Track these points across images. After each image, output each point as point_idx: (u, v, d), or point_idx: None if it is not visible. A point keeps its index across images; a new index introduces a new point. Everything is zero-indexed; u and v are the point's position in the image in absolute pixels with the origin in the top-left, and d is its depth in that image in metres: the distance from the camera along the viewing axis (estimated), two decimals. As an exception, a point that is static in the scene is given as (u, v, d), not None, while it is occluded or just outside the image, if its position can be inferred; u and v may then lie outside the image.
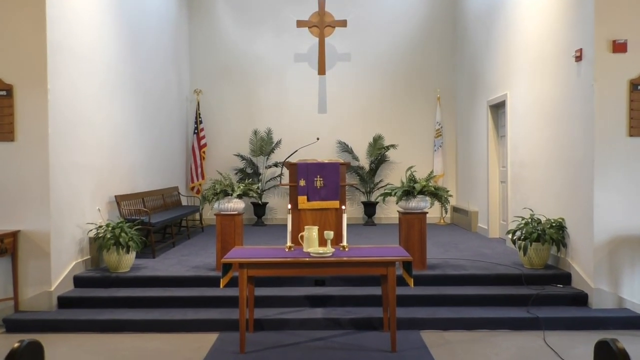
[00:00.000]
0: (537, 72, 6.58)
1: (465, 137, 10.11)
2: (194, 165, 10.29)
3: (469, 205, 9.79)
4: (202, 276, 5.68)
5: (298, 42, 10.82)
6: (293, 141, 10.31)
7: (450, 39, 10.83)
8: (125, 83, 7.40)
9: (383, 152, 10.58)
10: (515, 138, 7.37)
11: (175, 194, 9.44)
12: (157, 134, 8.79)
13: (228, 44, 10.87)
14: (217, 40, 10.87)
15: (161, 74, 9.07)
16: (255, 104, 10.89)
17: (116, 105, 7.08)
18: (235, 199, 5.87)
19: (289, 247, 4.56)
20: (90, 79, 6.29)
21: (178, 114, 10.10)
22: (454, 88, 10.84)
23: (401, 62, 10.86)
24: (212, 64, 10.87)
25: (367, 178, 10.48)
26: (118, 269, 5.87)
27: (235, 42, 10.88)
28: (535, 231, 5.81)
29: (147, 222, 6.78)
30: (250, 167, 10.58)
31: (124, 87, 7.36)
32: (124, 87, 7.36)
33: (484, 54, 8.79)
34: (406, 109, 10.86)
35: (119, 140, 7.15)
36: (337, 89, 10.86)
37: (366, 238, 8.54)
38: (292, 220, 4.73)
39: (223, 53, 10.86)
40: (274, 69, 10.87)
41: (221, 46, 10.87)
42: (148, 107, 8.34)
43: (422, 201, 5.90)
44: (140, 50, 8.03)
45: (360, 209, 10.77)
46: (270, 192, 10.78)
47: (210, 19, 10.86)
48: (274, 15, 10.85)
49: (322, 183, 5.91)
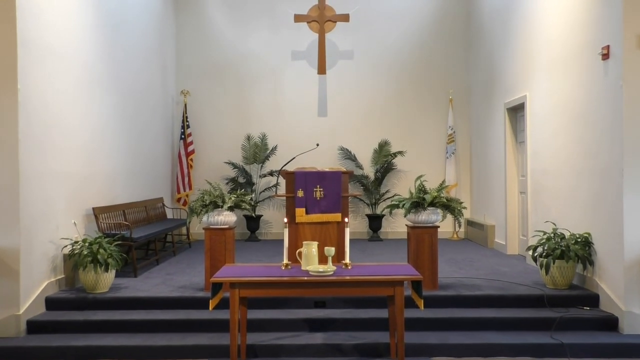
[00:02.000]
0: (560, 71, 6.60)
1: (480, 143, 10.12)
2: (181, 174, 10.29)
3: (484, 219, 9.78)
4: (189, 297, 5.66)
5: (296, 38, 10.87)
6: (290, 147, 10.32)
7: (464, 34, 10.89)
8: (105, 82, 7.42)
9: (390, 160, 10.58)
10: (536, 144, 7.38)
11: (159, 205, 9.42)
12: (140, 139, 8.79)
13: (218, 40, 10.92)
14: (207, 36, 10.92)
15: (144, 73, 9.09)
16: (249, 106, 10.91)
17: (94, 107, 7.09)
18: (226, 211, 5.86)
19: (285, 264, 4.54)
20: (66, 77, 6.31)
21: (163, 118, 10.11)
22: (467, 89, 10.87)
23: (409, 60, 10.90)
24: (200, 63, 10.90)
25: (372, 188, 10.48)
26: (95, 290, 5.84)
27: (226, 38, 10.92)
28: (559, 247, 5.79)
29: (128, 237, 6.76)
30: (242, 176, 10.58)
31: (103, 87, 7.37)
32: (103, 87, 7.37)
33: (501, 51, 8.83)
34: (415, 112, 10.89)
35: (98, 146, 7.15)
36: (338, 89, 10.89)
37: (371, 255, 8.51)
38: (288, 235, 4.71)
39: (213, 50, 10.90)
40: (270, 68, 10.90)
41: (211, 43, 10.91)
42: (130, 110, 8.35)
43: (433, 214, 5.88)
44: (121, 47, 8.06)
45: (365, 223, 10.75)
46: (264, 203, 10.76)
47: (199, 13, 10.92)
48: (270, 9, 10.91)
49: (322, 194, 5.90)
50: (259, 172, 10.66)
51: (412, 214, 5.89)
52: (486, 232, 9.30)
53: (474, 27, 10.52)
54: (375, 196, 10.50)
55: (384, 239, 10.48)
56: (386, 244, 9.80)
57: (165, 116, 10.25)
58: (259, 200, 10.59)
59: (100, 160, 7.20)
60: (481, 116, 10.04)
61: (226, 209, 5.85)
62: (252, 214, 10.11)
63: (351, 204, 10.64)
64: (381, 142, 10.66)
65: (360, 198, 10.63)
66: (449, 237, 10.52)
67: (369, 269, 4.56)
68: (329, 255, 4.40)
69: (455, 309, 5.52)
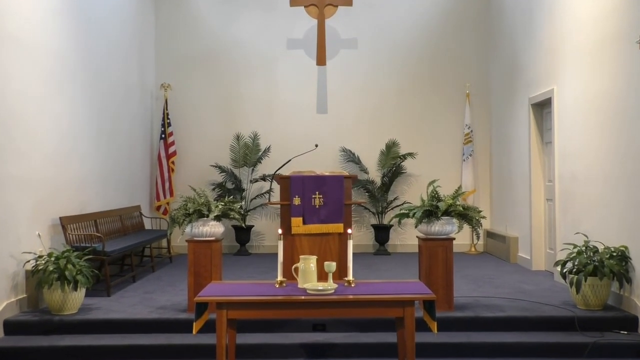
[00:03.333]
0: (592, 61, 6.61)
1: (501, 144, 10.14)
2: (161, 178, 10.29)
3: (506, 230, 9.78)
4: (170, 319, 5.65)
5: (292, 25, 10.89)
6: (285, 148, 10.31)
7: (483, 20, 10.91)
8: (75, 76, 7.43)
9: (398, 163, 10.59)
10: (565, 145, 7.39)
11: (136, 215, 9.41)
12: (114, 139, 8.80)
13: (204, 27, 10.94)
14: (190, 22, 10.93)
15: (119, 65, 9.11)
16: (238, 101, 10.92)
17: (63, 104, 7.10)
18: (212, 221, 5.85)
19: (280, 282, 4.54)
20: (31, 70, 6.31)
21: (140, 115, 10.13)
22: (487, 82, 10.89)
23: (421, 50, 10.92)
24: (183, 52, 10.92)
25: (378, 195, 10.48)
26: (62, 311, 5.82)
27: (212, 25, 10.94)
28: (591, 262, 5.79)
29: (100, 251, 6.75)
30: (231, 181, 10.58)
31: (73, 82, 7.38)
32: (73, 81, 7.38)
33: (525, 39, 8.85)
34: (427, 109, 10.90)
35: (67, 148, 7.15)
36: (340, 83, 10.91)
37: (377, 271, 8.49)
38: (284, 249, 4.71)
39: (197, 38, 10.92)
40: (262, 59, 10.92)
41: (195, 30, 10.93)
42: (103, 106, 8.36)
43: (448, 224, 5.88)
44: (93, 35, 8.08)
45: (370, 234, 10.75)
46: (256, 212, 10.76)
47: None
48: (262, -9, 10.96)
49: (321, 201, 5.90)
50: (249, 176, 10.66)
51: (424, 224, 5.89)
52: (508, 245, 9.29)
53: (494, 13, 10.55)
54: (382, 204, 10.50)
55: (392, 253, 10.47)
56: (394, 259, 9.79)
57: (143, 113, 10.26)
58: (249, 208, 10.58)
59: (69, 164, 7.20)
60: (502, 113, 10.06)
61: (212, 218, 5.84)
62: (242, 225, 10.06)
63: (355, 213, 10.64)
64: (389, 143, 10.67)
65: (365, 206, 10.63)
66: (466, 251, 10.51)
67: (375, 286, 4.56)
68: (330, 272, 4.39)
69: (473, 332, 5.51)
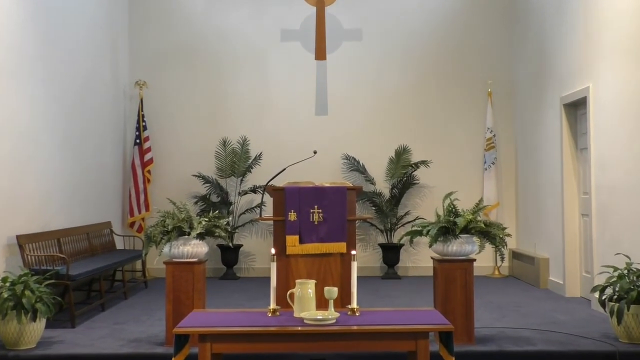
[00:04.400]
0: (633, 55, 6.61)
1: (528, 150, 10.13)
2: (135, 190, 10.27)
3: (535, 250, 9.75)
4: (146, 354, 5.61)
5: (286, 13, 10.92)
6: (279, 156, 10.30)
7: (507, 9, 10.94)
8: (34, 70, 7.42)
9: (410, 172, 10.58)
10: (603, 151, 7.37)
11: (106, 232, 9.38)
12: (82, 145, 8.79)
13: (185, 16, 10.96)
14: (170, 11, 10.96)
15: (88, 60, 9.11)
16: (225, 101, 10.93)
17: (21, 104, 7.08)
18: (194, 240, 5.83)
19: (272, 310, 4.51)
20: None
21: (112, 117, 10.12)
22: (511, 79, 10.90)
23: (435, 43, 10.94)
24: (161, 45, 10.94)
25: (386, 209, 10.46)
26: (19, 345, 5.77)
27: (194, 13, 10.97)
28: (635, 288, 5.76)
29: (64, 275, 6.71)
30: (216, 193, 10.56)
31: (33, 79, 7.37)
32: (33, 78, 7.37)
33: (555, 30, 8.86)
34: (443, 110, 10.91)
35: (24, 154, 7.13)
36: (343, 80, 10.92)
37: (386, 297, 8.46)
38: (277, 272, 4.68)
39: (178, 29, 10.94)
40: (253, 52, 10.94)
41: (175, 20, 10.95)
42: (68, 106, 8.35)
43: (468, 243, 5.86)
44: (57, 26, 8.08)
45: (378, 255, 10.72)
46: (245, 229, 10.73)
47: (160, -20, 10.99)
48: (252, -26, 11.00)
49: (321, 217, 5.88)
50: (238, 188, 10.64)
51: (440, 243, 5.87)
52: (537, 268, 9.26)
53: (520, 1, 10.60)
54: (391, 220, 10.48)
55: (402, 277, 10.44)
56: (405, 283, 9.76)
57: (115, 115, 10.26)
58: (237, 225, 10.55)
59: (27, 173, 7.18)
60: (530, 115, 10.06)
61: (194, 236, 5.82)
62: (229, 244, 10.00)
63: (360, 230, 10.61)
64: (399, 149, 10.66)
65: (372, 222, 10.61)
66: (488, 274, 10.48)
67: (383, 315, 4.53)
68: (330, 298, 4.37)
69: (497, 369, 5.47)
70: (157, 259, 7.97)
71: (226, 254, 10.35)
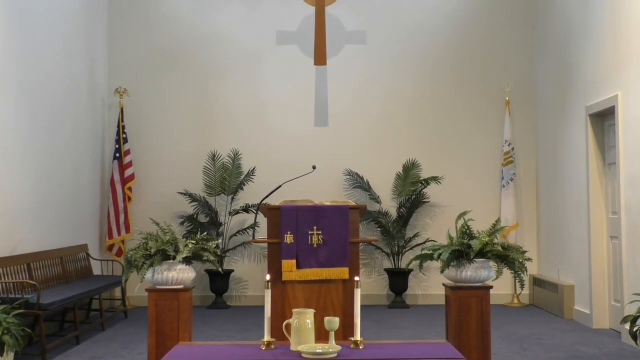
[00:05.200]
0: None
1: (551, 165, 10.14)
2: (114, 210, 10.27)
3: (559, 276, 9.74)
4: (124, 392, 5.59)
5: (283, 13, 10.98)
6: (274, 171, 10.32)
7: (526, 10, 11.01)
8: (4, 81, 7.44)
9: (419, 189, 10.59)
10: (633, 167, 7.39)
11: (82, 256, 9.36)
12: (55, 160, 8.80)
13: (170, 17, 11.02)
14: (153, 11, 11.02)
15: (62, 66, 9.15)
16: (214, 111, 10.96)
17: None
18: (179, 264, 5.82)
19: (267, 343, 4.50)
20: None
21: (89, 128, 10.15)
22: (532, 86, 10.95)
23: (447, 46, 11.01)
24: (144, 49, 10.99)
25: (393, 230, 10.46)
26: (-15, 381, 5.77)
27: (181, 14, 11.03)
28: (669, 317, 5.76)
29: (34, 303, 6.69)
30: (204, 212, 10.56)
31: (2, 89, 7.38)
32: (1, 88, 7.38)
33: (580, 33, 8.90)
34: (456, 120, 10.94)
35: (-7, 170, 7.15)
36: (345, 87, 10.97)
37: (392, 328, 8.45)
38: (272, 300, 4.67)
39: (162, 32, 10.99)
40: (245, 57, 10.99)
41: (159, 21, 11.01)
42: (40, 118, 8.37)
43: (483, 268, 5.85)
44: (28, 31, 8.12)
45: (384, 281, 10.70)
46: (236, 253, 10.72)
47: (143, -23, 11.06)
48: (245, -29, 11.07)
49: (321, 239, 5.87)
50: (228, 206, 10.64)
51: (453, 268, 5.86)
52: (562, 296, 9.24)
53: (541, 1, 10.66)
54: (398, 242, 10.47)
55: (411, 305, 10.42)
56: (414, 312, 9.75)
57: (92, 126, 10.29)
58: (228, 248, 10.55)
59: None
60: (552, 126, 10.08)
61: (180, 261, 5.81)
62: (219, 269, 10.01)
63: (363, 254, 10.61)
64: (407, 164, 10.68)
65: (377, 245, 10.60)
66: (506, 303, 10.47)
67: (390, 349, 4.52)
68: (331, 330, 4.36)
69: (517, 409, 5.46)
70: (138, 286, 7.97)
71: (215, 280, 10.33)
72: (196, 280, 9.57)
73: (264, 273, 5.42)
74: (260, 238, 7.19)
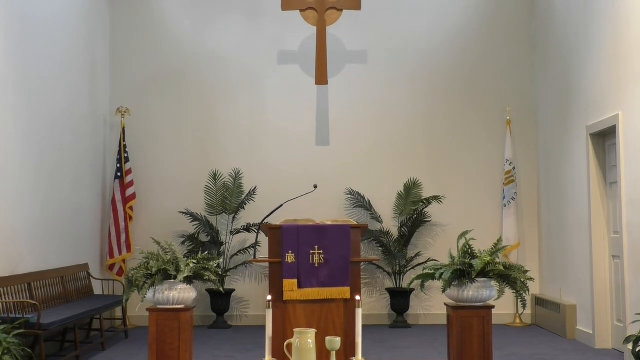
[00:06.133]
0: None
1: (552, 185, 10.16)
2: (115, 229, 10.26)
3: (561, 296, 9.72)
4: (124, 412, 5.58)
5: (284, 33, 11.03)
6: (275, 190, 10.33)
7: (526, 30, 11.06)
8: (5, 98, 7.48)
9: (421, 209, 10.59)
10: (635, 186, 7.39)
11: (83, 276, 9.35)
12: (56, 180, 8.81)
13: (172, 37, 11.05)
14: (155, 31, 11.05)
15: (65, 84, 9.19)
16: (215, 131, 10.98)
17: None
18: (181, 284, 5.83)
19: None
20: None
21: (90, 147, 10.16)
22: (532, 106, 10.97)
23: (449, 66, 11.03)
24: (146, 69, 11.02)
25: (395, 250, 10.44)
26: (-15, 401, 5.76)
27: (182, 34, 11.07)
28: (672, 337, 5.75)
29: (34, 323, 6.67)
30: (206, 232, 10.55)
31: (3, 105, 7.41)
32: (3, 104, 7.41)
33: (580, 52, 8.94)
34: (457, 140, 10.96)
35: (-5, 189, 7.16)
36: (346, 107, 10.99)
37: (394, 348, 8.42)
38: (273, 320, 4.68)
39: (164, 51, 11.03)
40: (246, 77, 11.02)
41: (161, 41, 11.04)
42: (42, 136, 8.40)
43: (485, 288, 5.86)
44: (30, 48, 8.17)
45: (385, 301, 10.69)
46: (238, 273, 10.71)
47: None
48: (247, -8, 11.14)
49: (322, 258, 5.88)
50: (230, 226, 10.64)
51: (455, 288, 5.87)
52: (564, 316, 9.21)
53: (540, 19, 10.70)
54: (399, 262, 10.45)
55: (412, 325, 10.38)
56: (416, 332, 9.71)
57: (93, 146, 10.30)
58: (229, 267, 10.53)
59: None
60: (553, 145, 10.11)
61: (181, 280, 5.82)
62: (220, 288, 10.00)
63: (365, 274, 10.59)
64: (408, 184, 10.69)
65: (379, 264, 10.59)
66: (508, 323, 10.43)
67: (392, 369, 4.52)
68: (332, 350, 4.36)
69: None
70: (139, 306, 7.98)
71: (216, 299, 10.30)
72: (197, 300, 9.56)
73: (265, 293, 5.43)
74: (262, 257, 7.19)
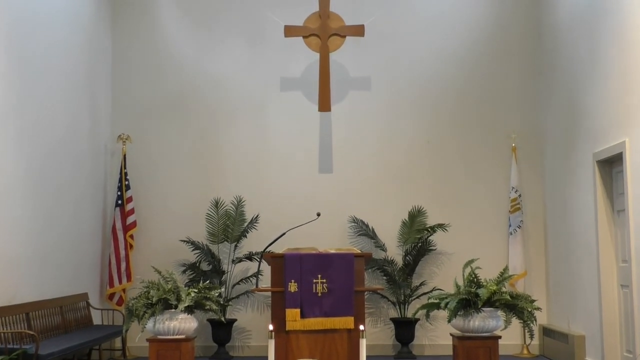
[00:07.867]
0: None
1: (559, 213, 10.13)
2: (116, 258, 10.24)
3: (569, 326, 9.66)
4: None
5: (287, 60, 11.08)
6: (278, 219, 10.30)
7: (532, 56, 11.10)
8: (5, 125, 7.51)
9: (426, 237, 10.56)
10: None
11: (82, 305, 9.32)
12: (55, 207, 8.81)
13: (173, 64, 11.11)
14: (157, 58, 11.11)
15: (64, 112, 9.22)
16: (217, 158, 10.99)
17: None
18: (181, 314, 5.81)
19: (269, 395, 4.47)
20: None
21: (91, 175, 10.18)
22: (538, 132, 10.97)
23: (453, 92, 11.06)
24: (147, 96, 11.06)
25: (399, 279, 10.40)
26: None
27: (184, 61, 11.12)
28: (684, 369, 5.70)
29: (32, 354, 6.64)
30: (207, 260, 10.52)
31: (4, 132, 7.45)
32: (4, 131, 7.45)
33: (587, 79, 8.95)
34: (462, 167, 10.95)
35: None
36: (349, 134, 11.01)
37: (399, 380, 8.38)
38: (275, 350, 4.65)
39: (166, 78, 11.08)
40: (248, 103, 11.06)
41: (163, 67, 11.10)
42: (42, 164, 8.41)
43: (492, 318, 5.83)
44: (31, 74, 8.21)
45: (390, 331, 10.62)
46: (239, 302, 10.66)
47: (146, 24, 11.16)
48: (249, 18, 11.17)
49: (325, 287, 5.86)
50: (231, 254, 10.61)
51: (460, 317, 5.84)
52: (572, 346, 9.14)
53: (546, 45, 10.74)
54: (404, 291, 10.41)
55: (418, 356, 10.32)
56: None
57: (94, 173, 10.32)
58: (231, 297, 10.49)
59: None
60: (559, 173, 10.09)
61: (182, 310, 5.80)
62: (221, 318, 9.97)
63: (369, 303, 10.52)
64: (412, 211, 10.67)
65: (383, 294, 10.53)
66: (516, 353, 10.35)
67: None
68: (336, 381, 4.32)
69: None
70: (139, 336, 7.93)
71: (218, 329, 10.25)
72: (198, 330, 9.49)
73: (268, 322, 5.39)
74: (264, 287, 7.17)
